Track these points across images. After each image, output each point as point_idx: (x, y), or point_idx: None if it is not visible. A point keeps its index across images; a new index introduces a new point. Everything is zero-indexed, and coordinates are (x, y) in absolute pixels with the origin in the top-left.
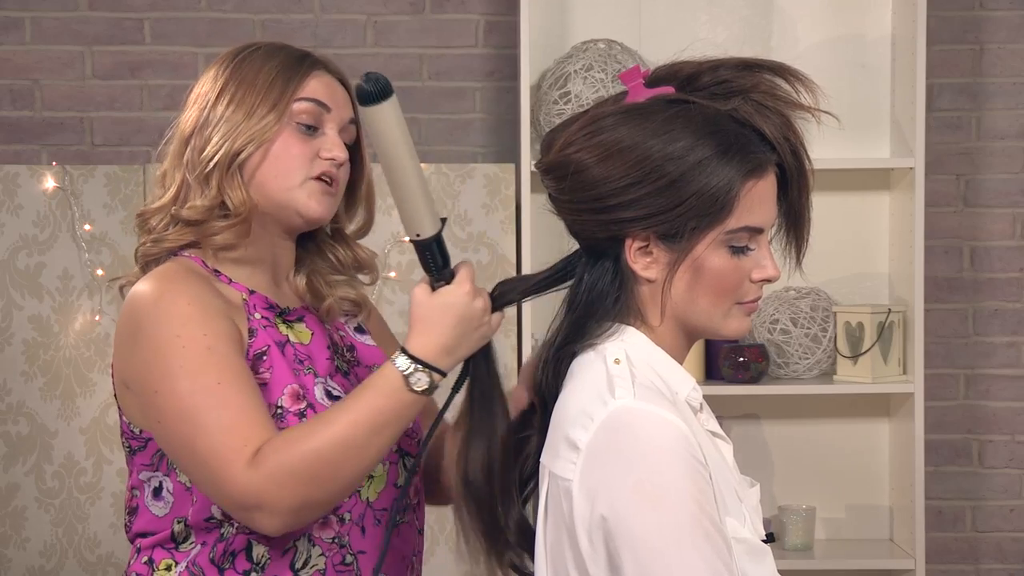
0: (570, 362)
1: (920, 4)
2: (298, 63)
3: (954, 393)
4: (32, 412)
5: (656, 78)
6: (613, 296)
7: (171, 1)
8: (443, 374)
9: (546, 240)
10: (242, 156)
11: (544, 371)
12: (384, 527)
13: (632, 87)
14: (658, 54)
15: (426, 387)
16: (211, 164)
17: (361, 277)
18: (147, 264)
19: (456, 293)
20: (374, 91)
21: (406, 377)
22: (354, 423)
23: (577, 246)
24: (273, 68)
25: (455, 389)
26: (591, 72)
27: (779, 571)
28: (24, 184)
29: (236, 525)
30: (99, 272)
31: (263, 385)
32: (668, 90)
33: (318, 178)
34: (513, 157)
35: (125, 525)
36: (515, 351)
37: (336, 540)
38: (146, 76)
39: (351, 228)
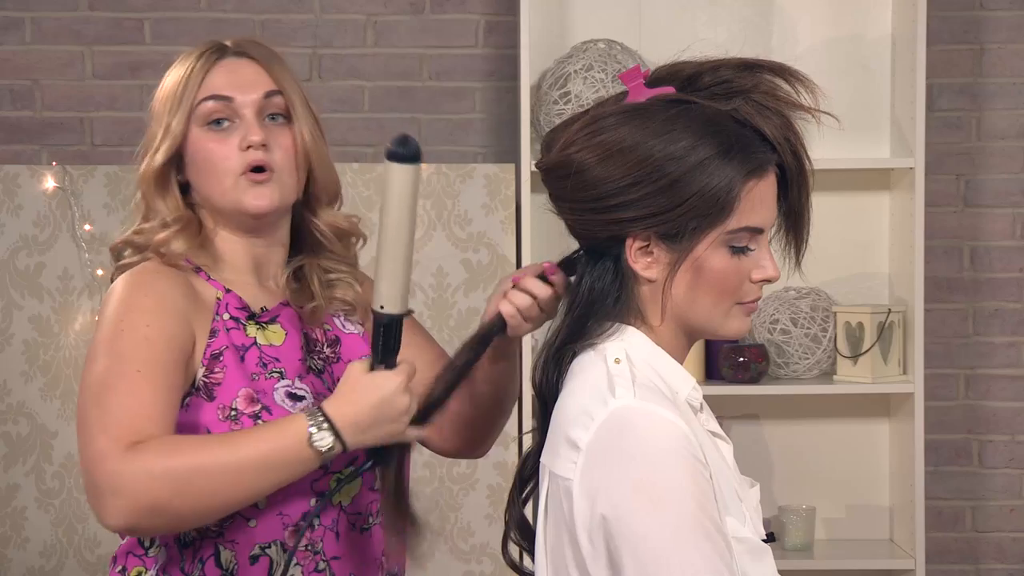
0: (570, 362)
1: (920, 4)
2: (197, 61)
3: (954, 393)
4: (32, 412)
5: (656, 78)
6: (614, 296)
7: (171, 1)
8: (344, 448)
9: (546, 240)
10: (155, 167)
11: (544, 371)
12: (358, 529)
13: (632, 87)
14: (658, 54)
15: (326, 449)
16: (143, 189)
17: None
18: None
19: (389, 379)
20: (404, 152)
21: (311, 432)
22: (246, 455)
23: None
24: (180, 74)
25: (353, 475)
26: (591, 72)
27: (779, 571)
28: (24, 184)
29: (200, 530)
30: (99, 272)
31: (217, 385)
32: (669, 90)
33: (249, 171)
34: (513, 157)
35: None
36: None
37: (308, 547)
38: (146, 76)
39: (320, 196)
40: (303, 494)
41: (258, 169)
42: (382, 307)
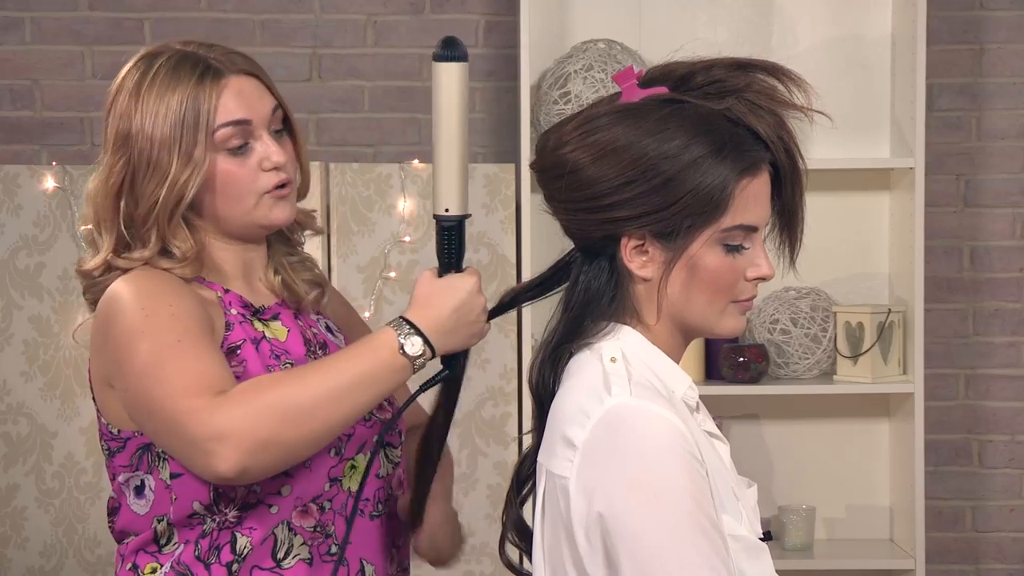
0: (567, 361)
1: (920, 4)
2: (200, 85)
3: (954, 393)
4: (32, 412)
5: (650, 78)
6: (609, 295)
7: (171, 1)
8: (433, 352)
9: (546, 240)
10: (183, 204)
11: (541, 371)
12: (363, 516)
13: (626, 87)
14: (658, 54)
15: (418, 354)
16: (151, 221)
17: (308, 235)
18: (94, 304)
19: (464, 280)
20: (450, 53)
21: (400, 341)
22: (342, 372)
23: (551, 263)
24: (180, 101)
25: (427, 384)
26: (591, 72)
27: (779, 571)
28: (24, 184)
29: (218, 519)
30: None
31: (236, 378)
32: (662, 90)
33: (271, 190)
34: (513, 157)
35: (109, 526)
36: (515, 351)
37: (319, 529)
38: None
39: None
40: (319, 478)
41: (280, 186)
42: (447, 210)
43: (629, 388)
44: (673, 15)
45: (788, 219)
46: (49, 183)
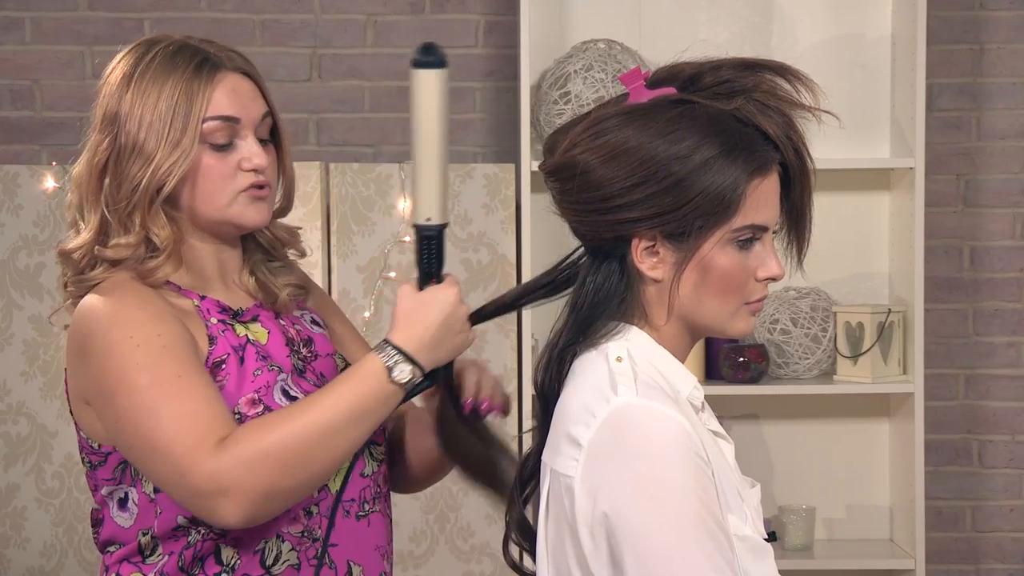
0: (572, 361)
1: (920, 4)
2: (196, 75)
3: (954, 393)
4: (32, 412)
5: (657, 79)
6: (619, 297)
7: (171, 1)
8: (423, 370)
9: (546, 240)
10: (164, 191)
11: (547, 370)
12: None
13: (633, 88)
14: (658, 54)
15: (407, 379)
16: (132, 203)
17: (292, 256)
18: (78, 299)
19: (445, 291)
20: (428, 59)
21: (388, 368)
22: (333, 410)
23: (551, 263)
24: (174, 87)
25: (410, 395)
26: (591, 72)
27: (779, 571)
28: (24, 184)
29: (203, 531)
30: None
31: (221, 390)
32: (670, 91)
33: (247, 189)
34: (513, 157)
35: (93, 537)
36: (515, 351)
37: (306, 534)
38: None
39: (283, 211)
40: None
41: (258, 188)
42: (428, 219)
43: (635, 387)
44: (673, 15)
45: (796, 219)
46: (49, 183)
